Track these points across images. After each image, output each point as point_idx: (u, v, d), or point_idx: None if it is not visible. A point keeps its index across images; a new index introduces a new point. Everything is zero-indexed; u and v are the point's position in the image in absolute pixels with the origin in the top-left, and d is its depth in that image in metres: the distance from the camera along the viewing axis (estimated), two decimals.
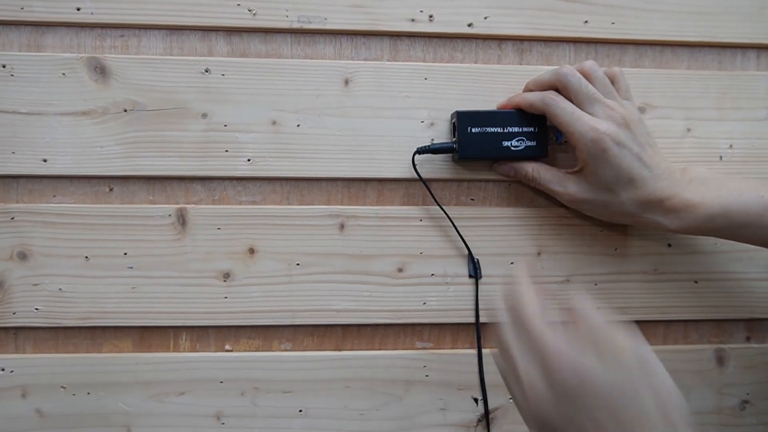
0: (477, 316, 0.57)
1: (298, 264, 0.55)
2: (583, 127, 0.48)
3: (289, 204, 0.56)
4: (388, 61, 0.57)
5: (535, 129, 0.54)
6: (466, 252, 0.56)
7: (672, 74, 0.58)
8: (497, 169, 0.55)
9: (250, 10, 0.55)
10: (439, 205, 0.55)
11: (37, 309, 0.54)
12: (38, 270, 0.54)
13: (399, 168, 0.56)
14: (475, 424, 0.57)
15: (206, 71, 0.54)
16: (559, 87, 0.51)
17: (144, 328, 0.55)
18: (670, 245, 0.58)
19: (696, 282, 0.59)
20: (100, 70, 0.54)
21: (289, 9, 0.55)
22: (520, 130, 0.54)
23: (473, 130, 0.53)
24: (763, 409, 0.59)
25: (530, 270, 0.42)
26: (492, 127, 0.53)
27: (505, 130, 0.54)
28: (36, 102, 0.53)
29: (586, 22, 0.57)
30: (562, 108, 0.50)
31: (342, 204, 0.56)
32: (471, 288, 0.57)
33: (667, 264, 0.58)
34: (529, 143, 0.54)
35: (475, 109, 0.55)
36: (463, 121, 0.53)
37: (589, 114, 0.49)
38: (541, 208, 0.57)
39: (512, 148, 0.54)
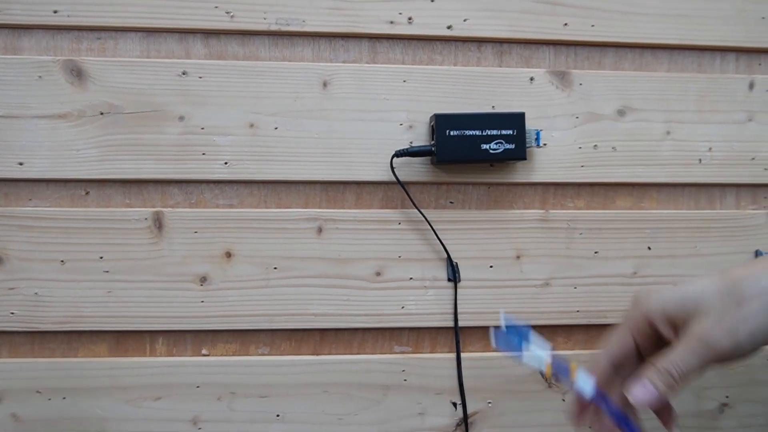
0: (456, 319, 0.56)
1: (275, 268, 0.55)
2: None
3: (266, 207, 0.55)
4: (367, 63, 0.56)
5: (513, 131, 0.53)
6: (445, 255, 0.56)
7: (652, 76, 0.58)
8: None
9: (227, 12, 0.54)
10: (417, 208, 0.55)
11: (12, 313, 0.53)
12: (14, 274, 0.53)
13: (377, 171, 0.55)
14: (454, 428, 0.56)
15: (183, 74, 0.54)
16: None
17: (120, 333, 0.55)
18: (650, 248, 0.58)
19: (676, 285, 0.58)
20: (77, 73, 0.53)
21: (267, 11, 0.55)
22: (499, 132, 0.53)
23: (451, 132, 0.53)
24: (742, 412, 0.59)
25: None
26: (470, 129, 0.53)
27: (484, 133, 0.53)
28: (12, 105, 0.53)
29: (566, 24, 0.57)
30: None
31: (320, 207, 0.56)
32: (450, 291, 0.56)
33: (647, 267, 0.58)
34: (507, 146, 0.53)
35: (455, 111, 0.55)
36: (441, 123, 0.53)
37: None
38: (521, 210, 0.57)
39: (491, 151, 0.53)
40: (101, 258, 0.54)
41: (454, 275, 0.56)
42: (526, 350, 0.40)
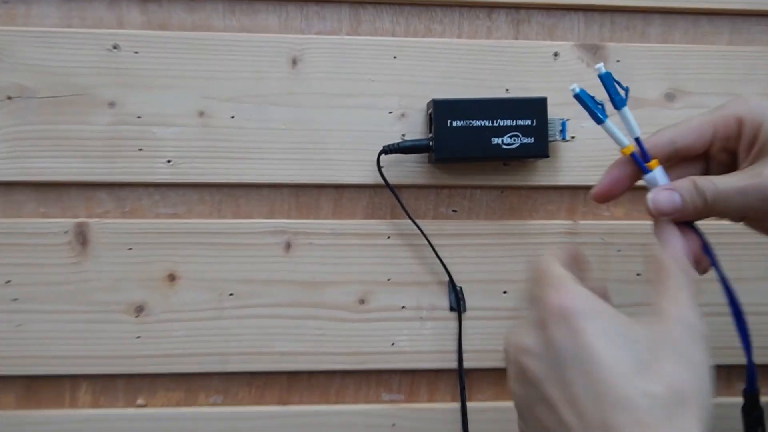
0: (460, 359, 0.50)
1: (231, 294, 0.50)
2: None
3: (220, 217, 0.51)
4: (348, 35, 0.51)
5: (532, 122, 0.48)
6: (446, 278, 0.50)
7: (709, 51, 0.53)
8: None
9: None
10: (411, 218, 0.50)
11: None
12: None
13: (361, 171, 0.51)
14: None
15: (114, 48, 0.49)
16: None
17: (32, 378, 0.49)
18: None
19: None
20: None
21: None
22: (514, 123, 0.48)
23: (454, 123, 0.48)
24: None
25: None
26: (478, 119, 0.48)
27: (495, 124, 0.48)
28: None
29: None
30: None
31: (288, 217, 0.51)
32: (452, 324, 0.50)
33: (705, 292, 0.49)
34: (525, 140, 0.48)
35: (458, 96, 0.50)
36: (441, 112, 0.48)
37: None
38: (542, 221, 0.51)
39: (504, 147, 0.48)
40: (8, 282, 0.48)
41: (457, 303, 0.50)
42: (617, 115, 0.36)
